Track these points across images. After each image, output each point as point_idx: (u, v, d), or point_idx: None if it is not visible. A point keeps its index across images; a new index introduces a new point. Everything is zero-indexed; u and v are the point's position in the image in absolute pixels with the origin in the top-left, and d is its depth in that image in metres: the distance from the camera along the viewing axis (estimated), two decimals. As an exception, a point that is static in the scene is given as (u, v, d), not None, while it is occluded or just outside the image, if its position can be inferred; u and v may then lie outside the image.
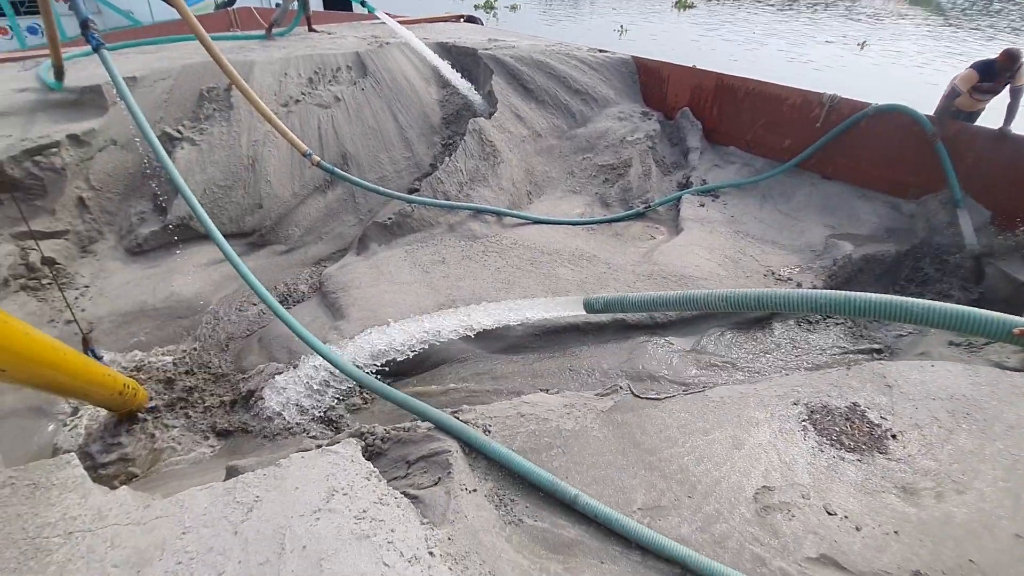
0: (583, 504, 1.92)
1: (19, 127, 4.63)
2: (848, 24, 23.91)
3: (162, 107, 5.09)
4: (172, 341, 4.02)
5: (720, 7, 29.74)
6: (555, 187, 5.78)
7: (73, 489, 1.62)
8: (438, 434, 2.20)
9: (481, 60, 6.40)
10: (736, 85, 5.79)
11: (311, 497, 1.62)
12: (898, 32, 21.76)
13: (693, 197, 5.38)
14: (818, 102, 5.21)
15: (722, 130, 6.07)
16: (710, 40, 20.44)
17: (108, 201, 4.76)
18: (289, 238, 5.10)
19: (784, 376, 3.09)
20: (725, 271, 4.33)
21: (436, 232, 4.88)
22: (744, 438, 2.32)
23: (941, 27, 23.14)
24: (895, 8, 29.18)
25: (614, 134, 5.99)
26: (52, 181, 4.49)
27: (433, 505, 1.81)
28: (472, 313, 3.43)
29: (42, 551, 1.45)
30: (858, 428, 2.38)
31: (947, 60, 16.44)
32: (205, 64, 5.17)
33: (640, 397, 2.59)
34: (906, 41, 20.13)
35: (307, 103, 5.61)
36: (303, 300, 4.41)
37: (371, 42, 6.61)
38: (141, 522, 1.53)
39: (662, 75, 6.42)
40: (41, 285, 4.10)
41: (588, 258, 4.49)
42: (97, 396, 2.75)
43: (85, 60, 5.73)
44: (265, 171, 5.11)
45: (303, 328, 2.90)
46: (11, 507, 1.56)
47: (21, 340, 1.88)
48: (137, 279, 4.41)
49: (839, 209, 5.02)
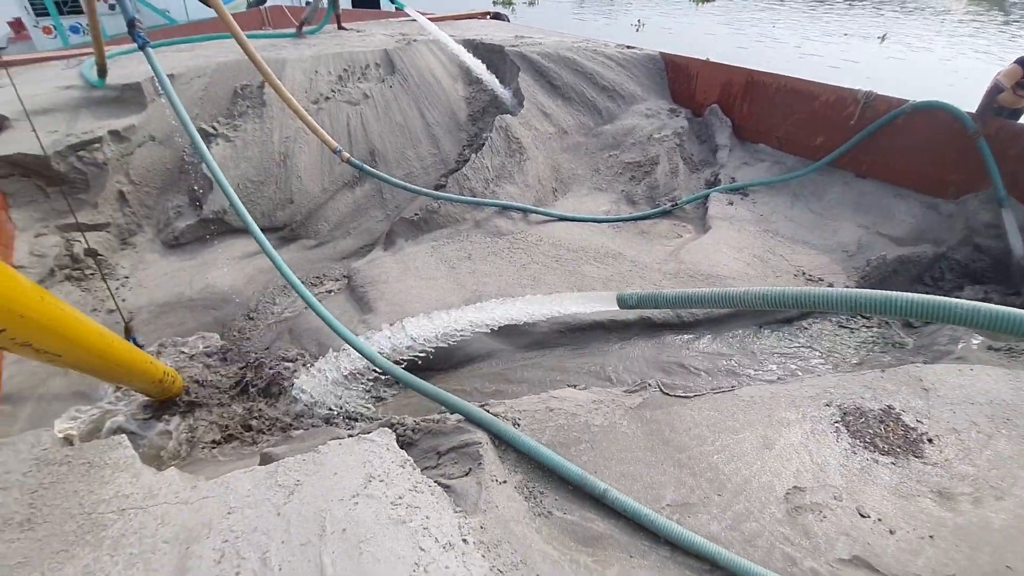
0: (612, 498, 1.94)
1: (64, 123, 4.82)
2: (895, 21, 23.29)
3: (198, 104, 5.24)
4: (207, 331, 4.14)
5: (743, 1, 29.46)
6: (581, 184, 5.77)
7: (125, 469, 1.70)
8: (468, 426, 2.24)
9: (508, 57, 6.41)
10: (767, 81, 5.69)
11: (349, 482, 1.67)
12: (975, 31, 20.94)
13: (721, 195, 5.32)
14: (852, 99, 5.10)
15: (752, 127, 5.98)
16: (727, 35, 20.32)
17: (146, 195, 4.92)
18: (318, 233, 5.20)
19: (816, 377, 3.05)
20: (754, 270, 4.28)
21: (462, 228, 4.92)
22: (775, 438, 2.30)
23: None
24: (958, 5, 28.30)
25: (641, 131, 5.95)
26: (94, 175, 4.66)
27: (465, 495, 1.85)
28: (507, 306, 3.47)
29: (98, 526, 1.53)
30: (893, 431, 2.35)
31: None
32: (239, 62, 5.29)
33: (669, 395, 2.59)
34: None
35: (337, 100, 5.70)
36: (332, 294, 4.50)
37: (399, 40, 6.69)
38: (189, 501, 1.60)
39: (691, 71, 6.35)
40: (84, 275, 4.26)
41: (614, 256, 4.49)
42: (139, 382, 2.86)
43: (124, 58, 5.93)
44: (296, 167, 5.21)
45: (336, 321, 2.97)
46: (68, 484, 1.65)
47: (75, 327, 1.97)
48: (174, 271, 4.55)
49: (873, 208, 4.90)
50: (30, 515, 1.59)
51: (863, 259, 4.37)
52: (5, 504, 1.61)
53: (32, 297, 1.73)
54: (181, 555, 1.47)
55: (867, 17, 24.62)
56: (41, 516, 1.59)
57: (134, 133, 4.88)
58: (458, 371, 3.66)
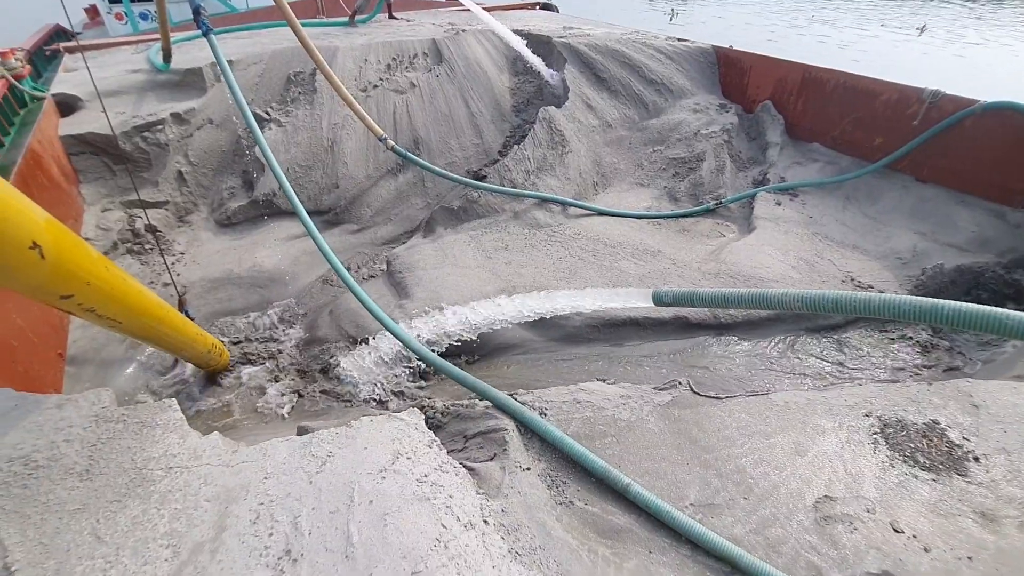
0: (635, 493, 1.94)
1: (131, 105, 5.11)
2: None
3: (253, 90, 5.45)
4: (253, 308, 4.33)
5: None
6: (622, 179, 5.70)
7: (174, 430, 1.81)
8: (495, 412, 2.27)
9: (555, 48, 6.38)
10: (825, 78, 5.46)
11: (378, 457, 1.74)
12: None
13: (769, 195, 5.15)
14: (917, 98, 4.83)
15: (806, 125, 5.75)
16: (764, 25, 19.76)
17: (203, 176, 5.17)
18: (361, 218, 5.34)
19: (857, 386, 2.94)
20: (799, 274, 4.14)
21: (501, 219, 4.95)
22: (808, 445, 2.24)
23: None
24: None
25: (688, 126, 5.83)
26: (156, 155, 4.93)
27: (488, 478, 1.89)
28: (544, 299, 3.50)
29: (147, 481, 1.65)
30: (936, 447, 2.24)
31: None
32: (293, 49, 5.47)
33: (699, 394, 2.55)
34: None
35: (384, 88, 5.81)
36: (371, 277, 4.63)
37: (448, 29, 6.74)
38: (229, 464, 1.70)
39: (743, 66, 6.15)
40: (144, 250, 4.52)
41: (652, 253, 4.43)
42: (189, 352, 3.03)
43: (187, 44, 6.21)
44: (343, 153, 5.36)
45: (375, 304, 3.06)
46: (123, 440, 1.78)
47: (135, 296, 2.11)
48: (225, 249, 4.78)
49: (933, 215, 4.65)
50: (89, 466, 1.73)
51: (918, 267, 4.16)
52: (68, 455, 1.75)
53: (98, 266, 1.86)
54: (220, 514, 1.57)
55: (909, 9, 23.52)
56: (98, 468, 1.72)
57: (194, 116, 5.12)
58: (489, 359, 3.71)
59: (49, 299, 1.77)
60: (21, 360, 2.82)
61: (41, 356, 3.08)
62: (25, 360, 2.86)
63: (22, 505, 1.59)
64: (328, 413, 3.40)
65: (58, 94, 5.00)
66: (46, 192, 3.96)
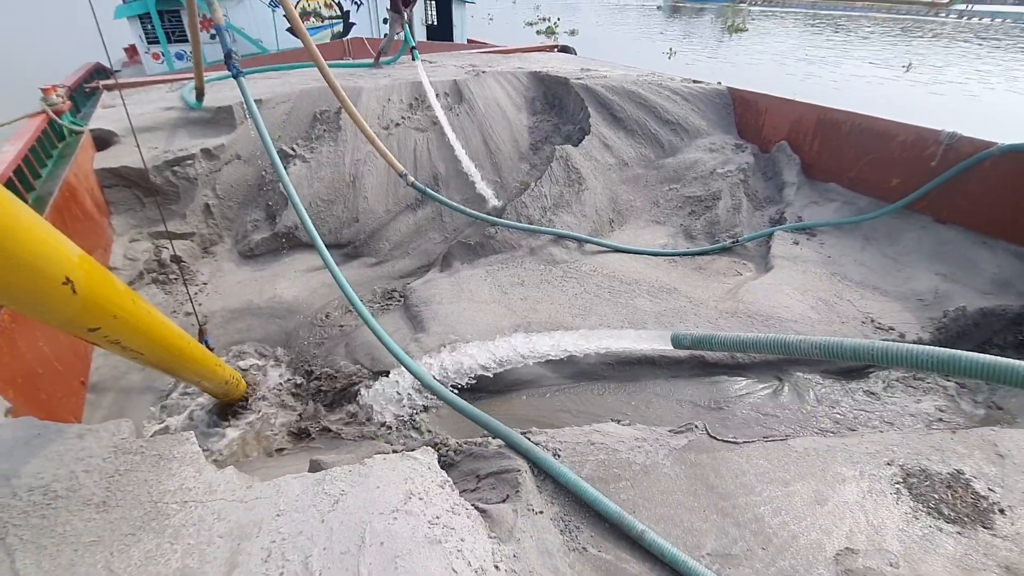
0: (650, 541, 1.89)
1: (163, 140, 5.34)
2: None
3: (281, 127, 5.66)
4: (271, 339, 4.39)
5: (786, 30, 29.77)
6: (638, 216, 5.75)
7: (190, 463, 1.83)
8: (508, 452, 2.25)
9: (572, 89, 6.55)
10: (840, 119, 5.51)
11: (391, 497, 1.73)
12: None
13: (787, 234, 5.14)
14: (934, 139, 4.84)
15: (822, 165, 5.78)
16: (757, 63, 20.82)
17: (228, 209, 5.33)
18: (379, 251, 5.43)
19: (878, 433, 2.86)
20: (818, 314, 4.09)
21: (517, 254, 5.00)
22: (828, 494, 2.17)
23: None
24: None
25: (704, 165, 5.89)
26: (185, 189, 5.11)
27: (501, 521, 1.86)
28: (566, 338, 3.51)
29: (162, 515, 1.66)
30: (961, 498, 2.16)
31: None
32: (319, 89, 5.70)
33: (716, 438, 2.51)
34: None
35: (406, 126, 6.00)
36: (387, 311, 4.67)
37: (468, 70, 6.98)
38: (243, 500, 1.70)
39: (759, 107, 6.24)
40: (168, 279, 4.64)
41: (668, 290, 4.42)
42: (206, 383, 3.07)
43: (219, 83, 6.51)
44: (363, 188, 5.50)
45: (390, 339, 3.08)
46: (140, 473, 1.79)
47: (159, 330, 2.17)
48: (247, 280, 4.88)
49: (953, 256, 4.59)
50: (106, 498, 1.74)
51: (940, 309, 4.08)
52: (86, 486, 1.77)
53: (126, 300, 1.92)
54: (232, 550, 1.57)
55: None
56: (115, 500, 1.74)
57: (223, 152, 5.32)
58: (503, 396, 3.69)
59: (78, 331, 1.82)
60: (45, 388, 2.88)
61: (64, 384, 3.14)
62: (49, 388, 2.93)
63: (39, 536, 1.60)
64: (340, 446, 3.40)
65: (95, 129, 5.25)
66: (79, 223, 4.11)
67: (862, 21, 33.75)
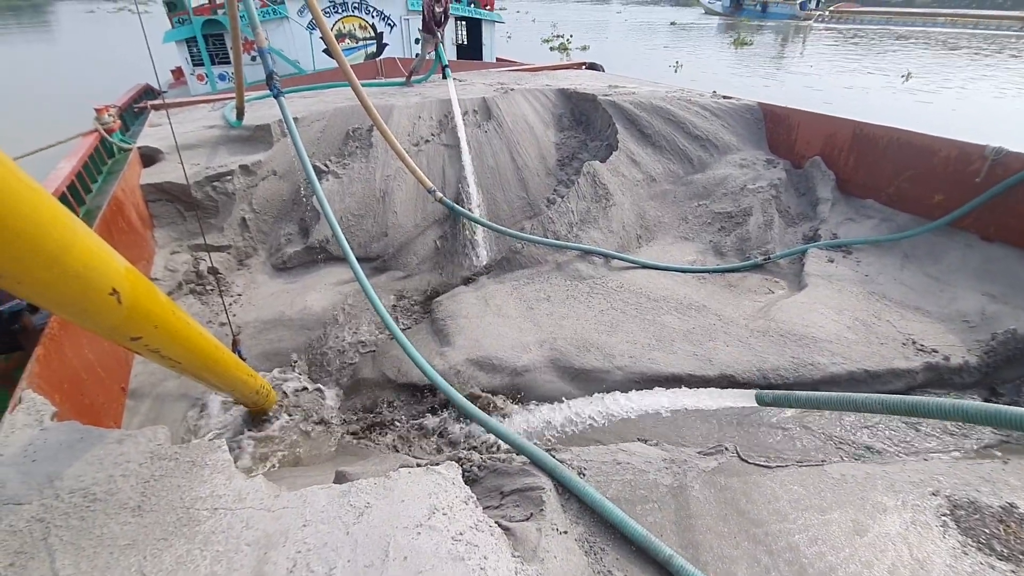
0: (678, 566, 1.83)
1: (205, 157, 5.55)
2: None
3: (315, 144, 5.83)
4: (301, 349, 4.48)
5: (794, 46, 29.85)
6: (666, 232, 5.69)
7: (221, 471, 1.87)
8: (533, 469, 2.23)
9: (600, 105, 6.57)
10: (877, 135, 5.37)
11: (415, 511, 1.73)
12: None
13: (821, 252, 5.00)
14: (979, 155, 4.67)
15: (858, 181, 5.62)
16: (773, 75, 21.53)
17: (264, 223, 5.50)
18: (407, 265, 5.51)
19: (922, 460, 2.73)
20: (855, 335, 3.95)
21: (543, 270, 5.00)
22: (868, 524, 2.08)
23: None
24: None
25: (734, 181, 5.80)
26: (224, 203, 5.30)
27: (524, 540, 1.84)
28: (646, 397, 3.50)
29: (193, 521, 1.70)
30: (1015, 534, 2.04)
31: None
32: (353, 107, 5.86)
33: (748, 462, 2.43)
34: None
35: (435, 143, 6.11)
36: (415, 325, 4.72)
37: (497, 88, 7.08)
38: (271, 509, 1.73)
39: (791, 122, 6.14)
40: (205, 290, 4.79)
41: (697, 308, 4.34)
42: (238, 393, 3.15)
43: (258, 102, 6.77)
44: (393, 203, 5.61)
45: (415, 351, 3.11)
46: (174, 479, 1.84)
47: (195, 339, 2.24)
48: (279, 292, 5.00)
49: (1002, 276, 4.38)
50: (141, 502, 1.79)
51: (988, 332, 3.89)
52: (124, 490, 1.83)
53: (167, 311, 2.00)
54: (259, 559, 1.59)
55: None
56: (149, 504, 1.79)
57: (260, 168, 5.51)
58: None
59: (121, 340, 1.89)
60: (89, 393, 3.00)
61: (106, 390, 3.26)
62: (92, 393, 3.04)
63: (78, 537, 1.65)
64: (368, 456, 3.42)
65: (142, 147, 5.51)
66: (124, 236, 4.30)
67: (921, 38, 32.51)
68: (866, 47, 30.76)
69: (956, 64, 24.52)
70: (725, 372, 3.65)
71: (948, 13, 41.70)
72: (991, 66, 23.70)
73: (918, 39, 32.98)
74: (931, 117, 14.85)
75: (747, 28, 39.85)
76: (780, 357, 3.73)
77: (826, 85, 19.72)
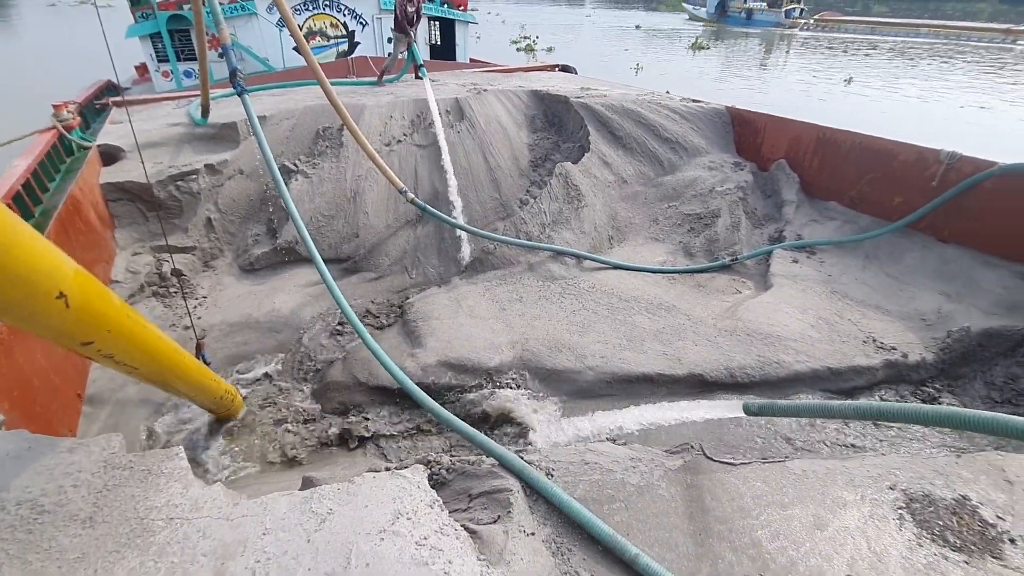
0: (643, 565, 1.85)
1: (168, 155, 5.40)
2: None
3: (284, 143, 5.73)
4: (269, 351, 4.38)
5: (746, 51, 31.58)
6: (637, 233, 5.76)
7: (178, 479, 1.81)
8: (501, 471, 2.22)
9: (572, 107, 6.61)
10: (840, 139, 5.53)
11: (378, 517, 1.70)
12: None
13: (786, 252, 5.13)
14: (935, 159, 4.85)
15: (822, 184, 5.79)
16: (724, 78, 23.04)
17: (230, 223, 5.37)
18: (379, 266, 5.45)
19: (879, 456, 2.81)
20: (818, 333, 4.06)
21: (516, 271, 5.00)
22: (828, 519, 2.13)
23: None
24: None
25: (703, 183, 5.91)
26: (188, 203, 5.16)
27: (491, 542, 1.83)
28: (638, 413, 3.46)
29: (148, 531, 1.64)
30: (967, 525, 2.11)
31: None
32: (323, 106, 5.77)
33: (712, 459, 2.47)
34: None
35: (407, 143, 6.06)
36: (386, 327, 4.67)
37: (470, 89, 7.06)
38: (229, 518, 1.68)
39: (758, 126, 6.28)
40: (168, 293, 4.66)
41: (667, 308, 4.40)
42: (202, 398, 3.06)
43: (226, 100, 6.60)
44: (364, 204, 5.54)
45: (384, 354, 3.08)
46: (128, 488, 1.78)
47: (153, 344, 2.17)
48: (246, 294, 4.89)
49: (957, 276, 4.56)
50: (92, 513, 1.73)
51: (944, 329, 4.04)
52: (74, 501, 1.75)
53: (120, 315, 1.93)
54: (216, 570, 1.54)
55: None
56: (101, 516, 1.72)
57: (226, 167, 5.38)
58: (500, 413, 3.66)
59: (71, 345, 1.82)
60: (41, 400, 2.88)
61: (61, 397, 3.14)
62: (45, 400, 2.92)
63: (25, 551, 1.58)
64: (337, 460, 3.37)
65: (102, 145, 5.32)
66: (82, 236, 4.15)
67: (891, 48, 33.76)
68: (830, 54, 31.85)
69: (898, 70, 26.13)
70: (694, 371, 3.71)
71: (932, 24, 41.36)
72: (932, 75, 25.13)
73: (882, 49, 34.21)
74: (853, 112, 16.43)
75: (733, 35, 40.74)
76: (747, 356, 3.80)
77: (771, 88, 21.15)
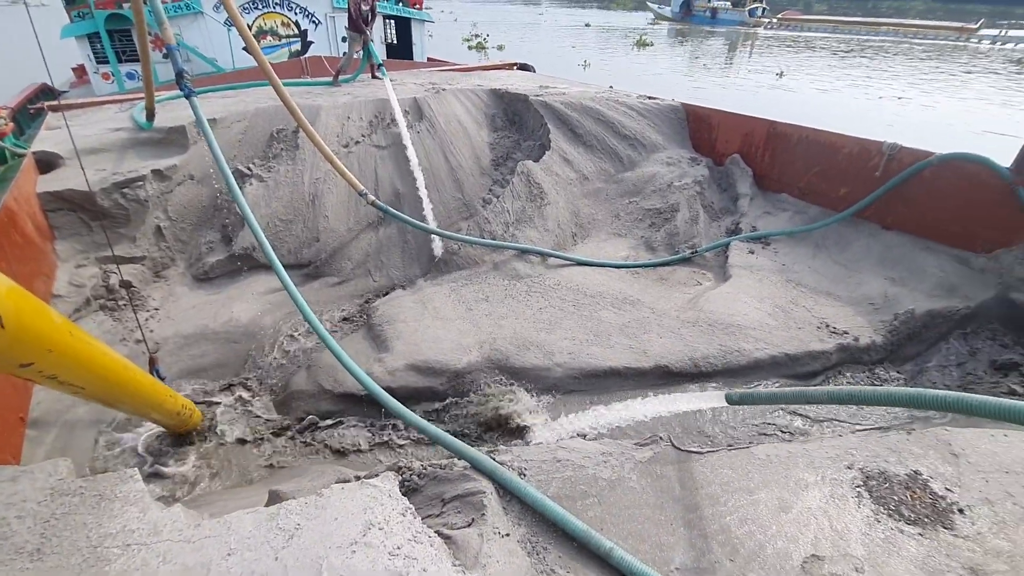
0: (618, 559, 1.87)
1: (112, 162, 5.13)
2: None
3: (236, 146, 5.53)
4: (227, 364, 4.22)
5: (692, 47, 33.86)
6: (600, 229, 5.82)
7: (134, 503, 1.72)
8: (473, 474, 2.20)
9: (532, 106, 6.63)
10: (789, 132, 5.74)
11: (349, 529, 1.66)
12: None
13: (742, 244, 5.29)
14: (877, 151, 5.09)
15: (774, 177, 5.99)
16: (663, 74, 24.84)
17: (182, 231, 5.15)
18: (341, 271, 5.33)
19: (837, 437, 2.93)
20: (775, 321, 4.20)
21: (481, 270, 4.98)
22: (792, 501, 2.21)
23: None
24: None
25: (662, 179, 6.02)
26: (135, 211, 4.91)
27: (465, 547, 1.81)
28: (626, 408, 3.47)
29: (102, 560, 1.55)
30: (920, 499, 2.23)
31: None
32: (276, 108, 5.60)
33: (681, 449, 2.52)
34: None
35: (366, 144, 5.95)
36: (351, 332, 4.57)
37: (429, 88, 6.99)
38: (191, 540, 1.61)
39: (712, 122, 6.45)
40: (117, 306, 4.43)
41: (632, 302, 4.47)
42: (157, 415, 2.93)
43: (172, 102, 6.33)
44: (324, 207, 5.41)
45: (350, 359, 3.01)
46: (79, 516, 1.68)
47: (99, 361, 2.05)
48: (201, 304, 4.70)
49: (900, 261, 4.80)
50: (40, 545, 1.62)
51: (890, 313, 4.25)
52: (19, 533, 1.64)
53: (61, 333, 1.81)
54: (178, 596, 1.48)
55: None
56: (50, 547, 1.62)
57: (175, 172, 5.15)
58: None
59: (8, 368, 1.70)
60: (-23, 427, 2.69)
61: (1, 421, 2.94)
62: (-18, 427, 2.73)
63: (-38, 592, 1.48)
64: (305, 472, 3.28)
65: (38, 152, 5.01)
66: (18, 249, 3.90)
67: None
68: (776, 52, 33.14)
69: (836, 66, 28.03)
70: (659, 363, 3.78)
71: (892, 23, 43.79)
72: (870, 68, 27.01)
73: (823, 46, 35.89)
74: (775, 101, 18.30)
75: (697, 33, 41.87)
76: (709, 345, 3.90)
77: (706, 82, 22.61)
